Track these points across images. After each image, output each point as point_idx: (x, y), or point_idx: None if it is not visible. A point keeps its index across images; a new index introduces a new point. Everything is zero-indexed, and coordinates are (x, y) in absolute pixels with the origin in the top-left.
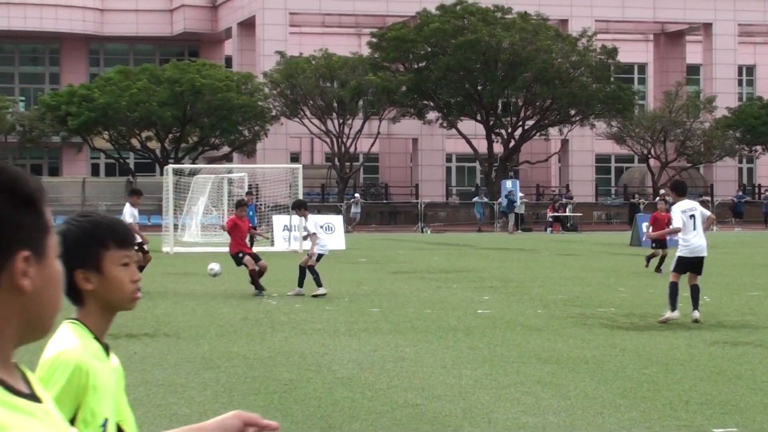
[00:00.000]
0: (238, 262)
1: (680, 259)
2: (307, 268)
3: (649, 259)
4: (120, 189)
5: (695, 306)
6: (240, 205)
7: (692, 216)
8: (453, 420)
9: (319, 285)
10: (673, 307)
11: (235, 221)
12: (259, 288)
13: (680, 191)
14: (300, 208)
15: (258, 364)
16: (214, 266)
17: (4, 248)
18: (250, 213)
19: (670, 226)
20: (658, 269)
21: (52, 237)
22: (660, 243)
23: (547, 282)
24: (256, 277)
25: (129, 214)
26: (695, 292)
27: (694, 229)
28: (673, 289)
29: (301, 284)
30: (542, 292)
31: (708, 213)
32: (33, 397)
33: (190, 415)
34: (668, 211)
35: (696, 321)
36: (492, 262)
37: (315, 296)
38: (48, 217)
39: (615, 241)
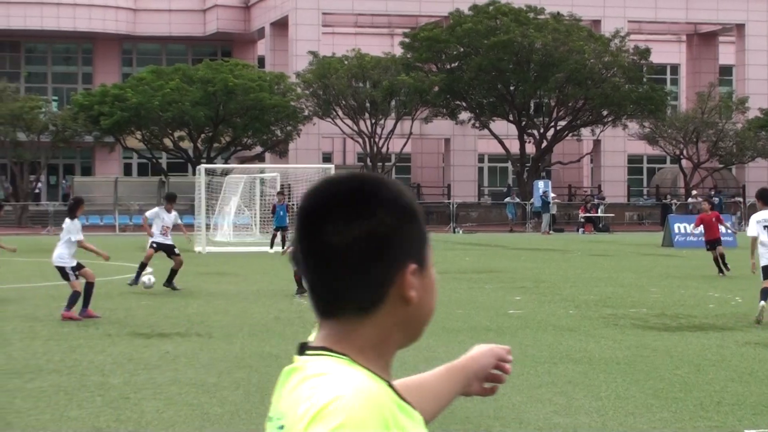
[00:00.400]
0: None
1: (764, 267)
2: None
3: (717, 262)
4: (152, 189)
5: None
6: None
7: (766, 227)
8: (485, 420)
9: None
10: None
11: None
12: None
13: (765, 200)
14: None
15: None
16: (151, 278)
17: (396, 262)
18: (281, 213)
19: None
20: (721, 270)
21: (430, 247)
22: (711, 243)
23: (579, 282)
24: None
25: (154, 214)
26: None
27: None
28: (764, 293)
29: None
30: (574, 292)
31: None
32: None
33: (221, 414)
34: (711, 211)
35: None
36: (524, 263)
37: None
38: (425, 228)
39: (647, 241)
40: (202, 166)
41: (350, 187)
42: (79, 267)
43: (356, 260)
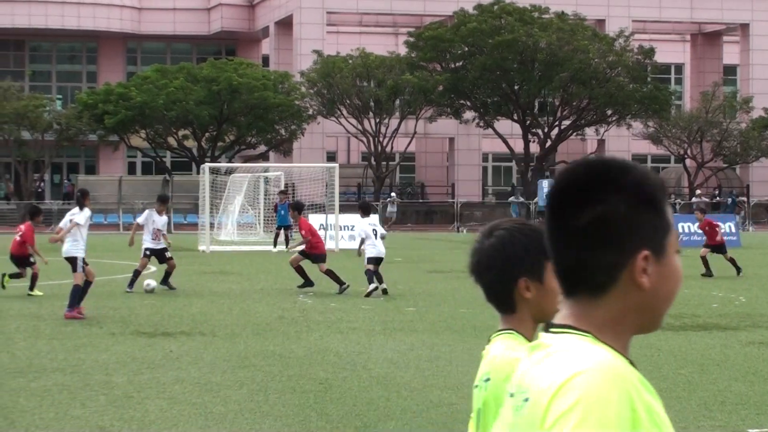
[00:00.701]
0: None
1: None
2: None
3: (734, 263)
4: (157, 188)
5: None
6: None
7: None
8: None
9: (370, 282)
10: None
11: None
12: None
13: None
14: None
15: (294, 363)
16: (151, 282)
17: (627, 247)
18: (283, 212)
19: None
20: (738, 271)
21: (673, 235)
22: (714, 248)
23: None
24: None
25: (145, 217)
26: None
27: None
28: None
29: (371, 281)
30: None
31: None
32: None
33: (225, 413)
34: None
35: None
36: None
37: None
38: (669, 216)
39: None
40: (206, 165)
41: (593, 170)
42: (84, 263)
43: (588, 243)
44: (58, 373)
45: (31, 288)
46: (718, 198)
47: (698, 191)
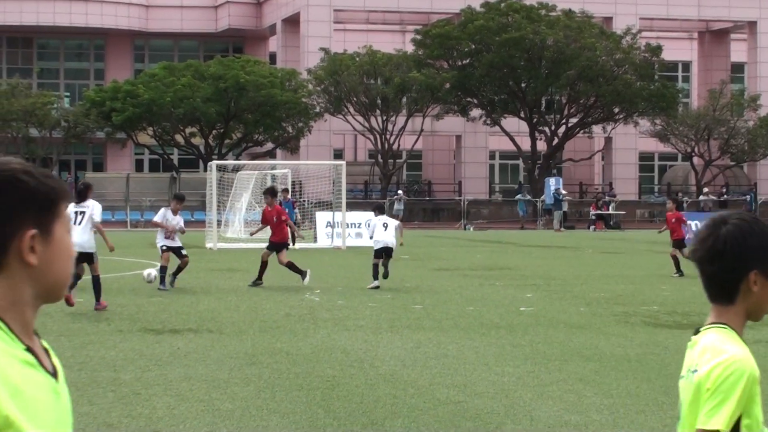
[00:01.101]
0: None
1: None
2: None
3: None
4: (164, 185)
5: None
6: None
7: None
8: (495, 417)
9: (374, 279)
10: None
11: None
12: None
13: None
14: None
15: (301, 360)
16: (152, 272)
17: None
18: (287, 210)
19: None
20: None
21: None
22: (676, 243)
23: (590, 280)
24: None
25: (161, 216)
26: None
27: None
28: None
29: (375, 277)
30: (585, 289)
31: None
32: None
33: (233, 410)
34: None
35: None
36: (535, 260)
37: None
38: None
39: (658, 239)
40: (214, 163)
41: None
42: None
43: None
44: (65, 370)
45: None
46: (726, 196)
47: (705, 189)
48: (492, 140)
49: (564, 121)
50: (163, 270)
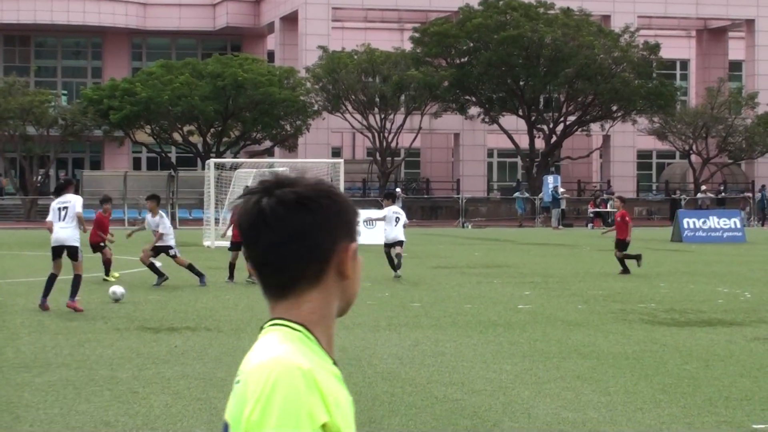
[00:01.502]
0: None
1: None
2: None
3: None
4: (162, 183)
5: None
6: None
7: None
8: (493, 415)
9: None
10: None
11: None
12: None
13: None
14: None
15: None
16: (117, 290)
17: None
18: None
19: None
20: (625, 269)
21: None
22: (618, 244)
23: (588, 277)
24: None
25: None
26: None
27: None
28: None
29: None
30: (583, 287)
31: None
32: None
33: None
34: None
35: None
36: (533, 258)
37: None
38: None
39: (656, 236)
40: (212, 161)
41: None
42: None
43: None
44: (63, 368)
45: (107, 273)
46: (723, 194)
47: (703, 187)
48: (490, 138)
49: (562, 119)
50: (152, 267)
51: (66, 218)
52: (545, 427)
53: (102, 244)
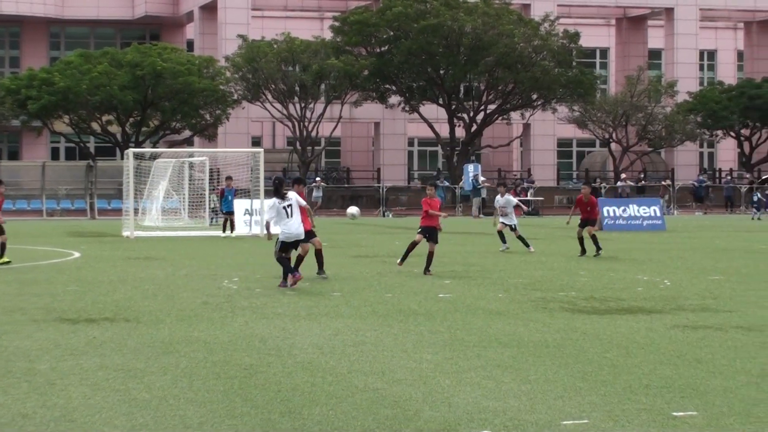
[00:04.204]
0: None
1: None
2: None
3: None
4: (80, 173)
5: None
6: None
7: None
8: (413, 404)
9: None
10: None
11: None
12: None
13: None
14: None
15: (218, 349)
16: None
17: None
18: (230, 198)
19: None
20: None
21: None
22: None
23: (509, 266)
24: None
25: None
26: None
27: None
28: None
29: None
30: (503, 276)
31: None
32: None
33: (149, 400)
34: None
35: None
36: (453, 247)
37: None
38: None
39: (576, 225)
40: (131, 150)
41: None
42: None
43: None
44: None
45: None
46: (643, 182)
47: (623, 175)
48: (410, 127)
49: (482, 107)
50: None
51: None
52: (466, 415)
53: None
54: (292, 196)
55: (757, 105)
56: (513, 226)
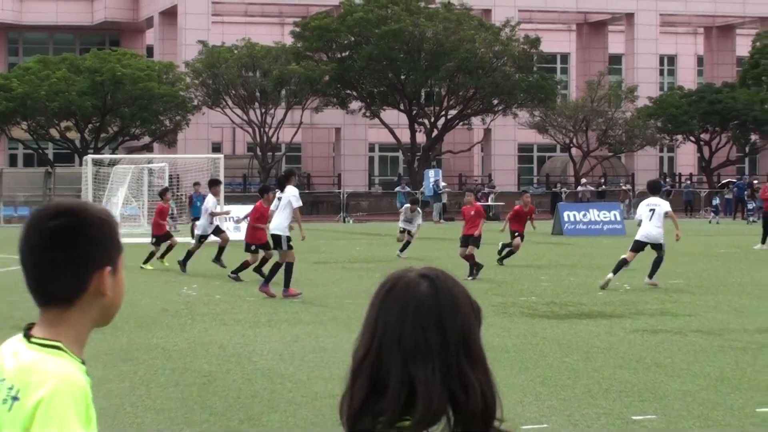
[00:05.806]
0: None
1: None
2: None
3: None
4: (39, 180)
5: None
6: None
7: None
8: None
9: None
10: None
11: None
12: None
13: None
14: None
15: (177, 356)
16: None
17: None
18: (198, 203)
19: None
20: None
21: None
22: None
23: (468, 271)
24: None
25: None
26: None
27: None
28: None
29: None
30: (463, 281)
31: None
32: None
33: (107, 407)
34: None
35: None
36: (414, 252)
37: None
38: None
39: (537, 230)
40: (89, 157)
41: None
42: None
43: None
44: None
45: None
46: (604, 186)
47: (584, 180)
48: (371, 132)
49: (443, 113)
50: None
51: None
52: None
53: None
54: (283, 195)
55: (716, 110)
56: (410, 231)
